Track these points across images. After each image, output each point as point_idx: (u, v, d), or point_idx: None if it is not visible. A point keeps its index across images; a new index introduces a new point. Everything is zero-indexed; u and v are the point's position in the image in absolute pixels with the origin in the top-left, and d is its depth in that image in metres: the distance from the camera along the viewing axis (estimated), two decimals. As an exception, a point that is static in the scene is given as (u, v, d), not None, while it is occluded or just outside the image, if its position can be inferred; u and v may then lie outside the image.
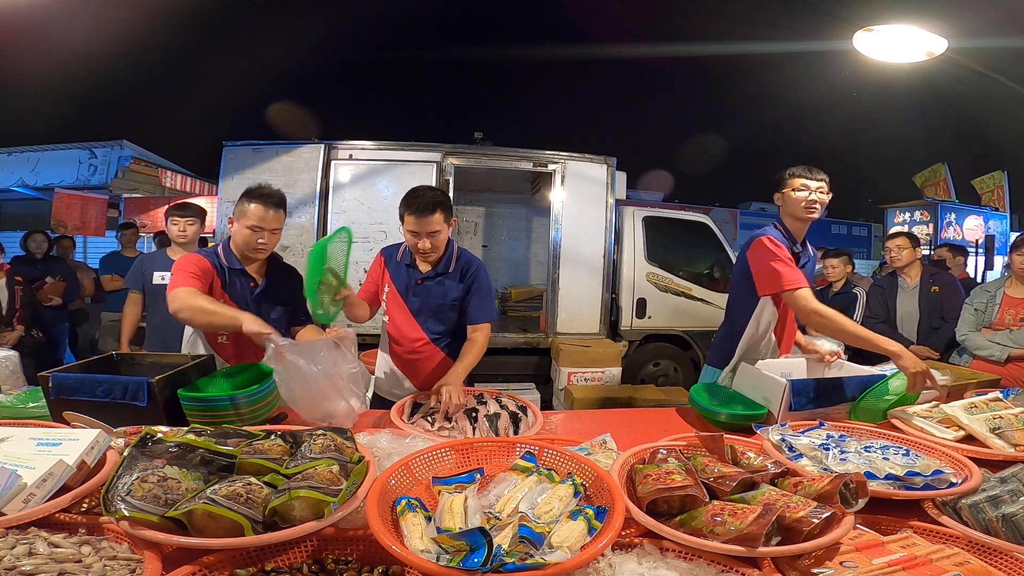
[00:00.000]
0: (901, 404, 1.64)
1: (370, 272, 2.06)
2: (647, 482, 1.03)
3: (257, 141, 4.69)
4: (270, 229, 1.78)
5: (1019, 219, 11.14)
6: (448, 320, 1.97)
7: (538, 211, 6.32)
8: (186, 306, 1.60)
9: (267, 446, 1.07)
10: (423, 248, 1.82)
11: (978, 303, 2.76)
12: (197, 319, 1.65)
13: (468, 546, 0.79)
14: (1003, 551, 0.94)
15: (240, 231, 1.77)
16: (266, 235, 1.78)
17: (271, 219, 1.77)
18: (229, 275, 1.80)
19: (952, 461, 1.27)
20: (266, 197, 1.77)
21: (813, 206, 1.90)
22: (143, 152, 7.55)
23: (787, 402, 1.60)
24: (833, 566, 0.86)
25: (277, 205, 1.79)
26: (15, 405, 1.49)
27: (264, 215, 1.75)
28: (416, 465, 1.13)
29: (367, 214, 4.58)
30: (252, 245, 1.77)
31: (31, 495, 0.90)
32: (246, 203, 1.76)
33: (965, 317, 2.79)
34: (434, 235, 1.81)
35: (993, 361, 2.57)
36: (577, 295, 4.88)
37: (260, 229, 1.76)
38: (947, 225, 9.44)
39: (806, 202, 1.90)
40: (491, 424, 1.53)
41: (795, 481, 1.07)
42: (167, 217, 2.97)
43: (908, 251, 3.33)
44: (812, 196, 1.90)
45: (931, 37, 3.48)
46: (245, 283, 1.83)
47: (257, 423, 1.44)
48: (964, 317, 2.79)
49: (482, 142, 5.32)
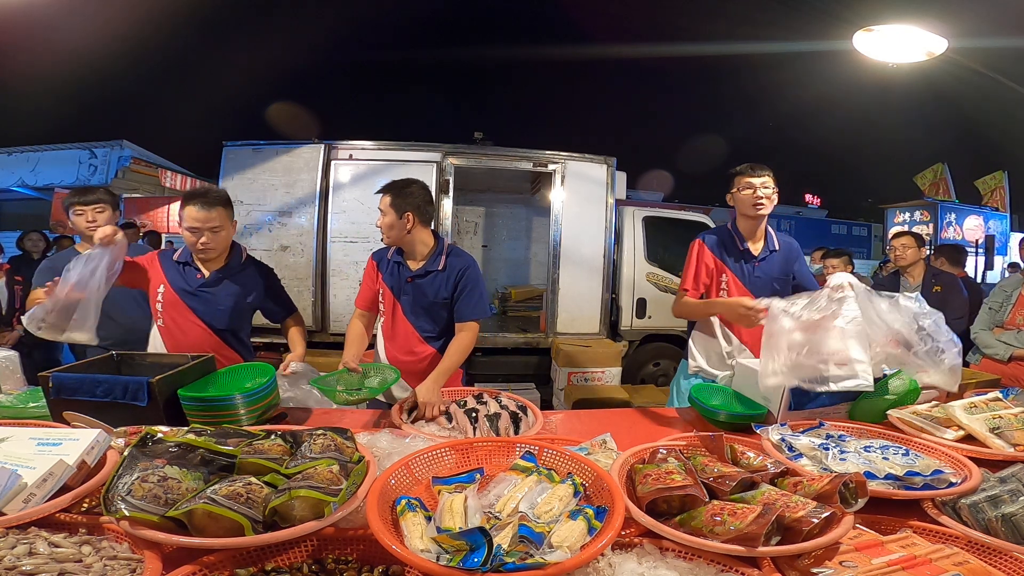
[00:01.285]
0: (901, 404, 1.64)
1: (365, 277, 2.07)
2: (647, 482, 1.03)
3: (257, 141, 4.69)
4: (209, 228, 1.79)
5: (1019, 219, 11.13)
6: (440, 319, 1.98)
7: (538, 211, 6.32)
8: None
9: (267, 446, 1.07)
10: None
11: (994, 302, 2.79)
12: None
13: (468, 546, 0.79)
14: (1003, 551, 0.94)
15: (183, 233, 1.81)
16: (206, 235, 1.79)
17: (207, 218, 1.78)
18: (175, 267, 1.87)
19: (952, 461, 1.27)
20: (200, 197, 1.79)
21: (760, 202, 2.00)
22: (143, 152, 7.56)
23: (787, 402, 1.60)
24: (833, 566, 0.86)
25: (213, 203, 1.80)
26: (15, 405, 1.49)
27: (198, 215, 1.77)
28: (416, 465, 1.14)
29: (367, 214, 4.57)
30: (195, 246, 1.81)
31: (31, 495, 0.90)
32: (183, 206, 1.80)
33: (981, 315, 2.83)
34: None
35: (997, 359, 2.62)
36: (577, 295, 4.88)
37: (198, 230, 1.78)
38: (947, 225, 9.45)
39: (752, 199, 1.99)
40: (491, 424, 1.53)
41: (795, 481, 1.08)
42: (67, 209, 2.39)
43: (913, 250, 3.31)
44: (758, 193, 2.00)
45: (931, 37, 3.48)
46: (191, 274, 1.88)
47: (257, 423, 1.44)
48: (980, 315, 2.83)
49: (482, 142, 5.32)
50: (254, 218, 4.54)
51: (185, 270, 1.89)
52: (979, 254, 8.43)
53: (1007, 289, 2.79)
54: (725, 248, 2.07)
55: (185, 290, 1.87)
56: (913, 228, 9.25)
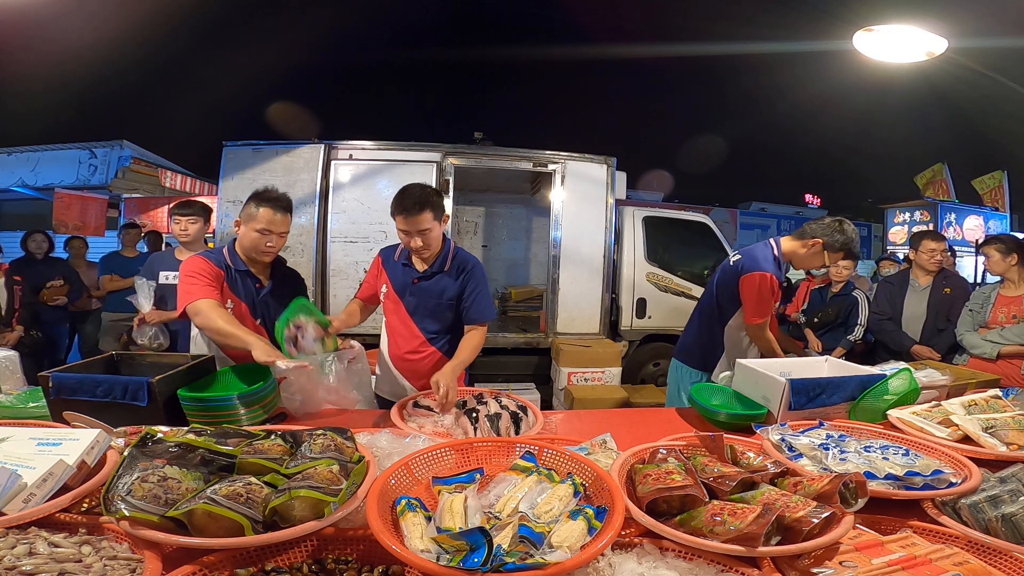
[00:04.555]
0: (901, 404, 1.64)
1: (369, 272, 2.08)
2: (647, 482, 1.03)
3: (257, 141, 4.69)
4: (278, 232, 1.80)
5: (1019, 219, 11.13)
6: (444, 319, 1.98)
7: (538, 211, 6.31)
8: (207, 326, 1.65)
9: (267, 446, 1.07)
10: (415, 246, 1.85)
11: (974, 304, 2.86)
12: (213, 338, 1.72)
13: (468, 546, 0.79)
14: (1002, 551, 0.94)
15: (248, 234, 1.79)
16: (274, 238, 1.80)
17: (279, 223, 1.79)
18: (236, 276, 1.83)
19: (952, 461, 1.27)
20: (275, 201, 1.79)
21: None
22: (143, 152, 7.55)
23: (787, 401, 1.60)
24: (833, 566, 0.86)
25: (285, 209, 1.82)
26: (15, 405, 1.50)
27: (272, 218, 1.77)
28: (416, 465, 1.14)
29: (367, 214, 4.57)
30: (260, 248, 1.80)
31: (31, 495, 0.90)
32: (254, 207, 1.77)
33: (963, 318, 2.88)
34: (424, 233, 1.82)
35: (985, 358, 2.66)
36: (577, 295, 4.88)
37: (268, 232, 1.78)
38: (947, 225, 9.44)
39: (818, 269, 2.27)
40: (492, 424, 1.53)
41: (795, 481, 1.08)
42: (170, 216, 2.96)
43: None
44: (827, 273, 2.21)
45: (931, 37, 3.48)
46: (251, 284, 1.86)
47: (257, 423, 1.44)
48: (962, 318, 2.89)
49: (482, 142, 5.31)
50: (254, 218, 4.54)
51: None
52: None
53: (985, 292, 2.86)
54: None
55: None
56: (913, 228, 9.24)
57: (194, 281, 1.70)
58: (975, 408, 1.54)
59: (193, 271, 1.72)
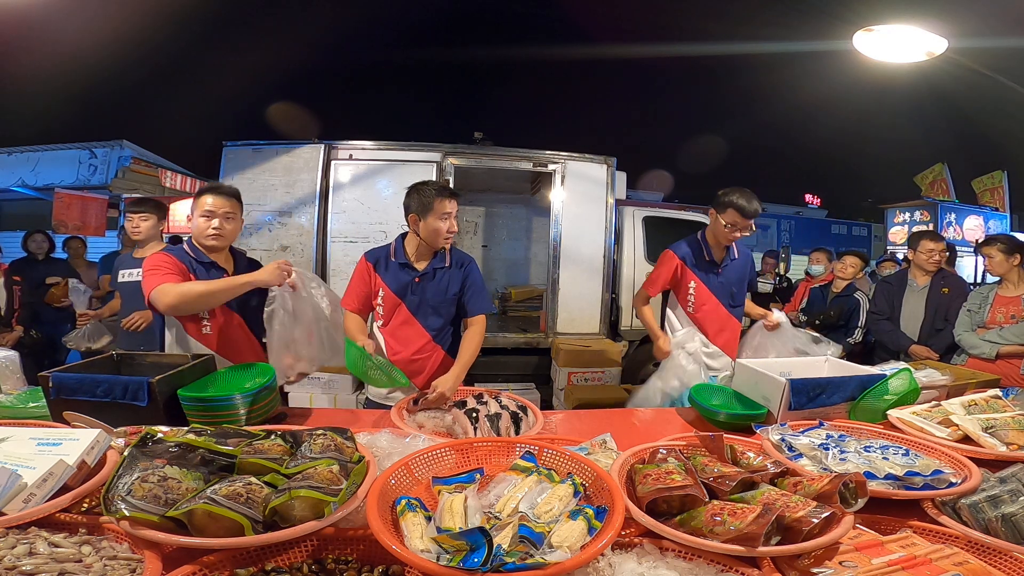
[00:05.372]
0: (901, 404, 1.64)
1: (354, 280, 1.99)
2: (647, 482, 1.03)
3: (257, 141, 4.69)
4: (222, 214, 1.83)
5: (1019, 219, 11.13)
6: (448, 315, 2.00)
7: (538, 211, 6.31)
8: (182, 296, 1.65)
9: (267, 446, 1.07)
10: (454, 230, 1.93)
11: (972, 304, 2.86)
12: (201, 303, 1.72)
13: (468, 546, 0.79)
14: (1002, 551, 0.94)
15: (195, 221, 1.85)
16: (218, 220, 1.82)
17: (220, 204, 1.83)
18: (200, 268, 1.85)
19: (952, 461, 1.27)
20: (216, 188, 1.88)
21: (733, 238, 2.29)
22: (143, 152, 7.54)
23: (787, 401, 1.60)
24: (833, 566, 0.86)
25: (228, 194, 1.87)
26: (15, 405, 1.49)
27: (214, 201, 1.82)
28: (416, 465, 1.14)
29: (367, 214, 4.57)
30: (206, 232, 1.83)
31: (31, 495, 0.90)
32: (199, 197, 1.86)
33: (961, 318, 2.88)
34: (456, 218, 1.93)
35: (984, 358, 2.66)
36: (577, 295, 4.88)
37: (212, 215, 1.82)
38: (947, 225, 9.44)
39: (729, 235, 2.27)
40: (492, 424, 1.53)
41: (795, 481, 1.08)
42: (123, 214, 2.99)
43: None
44: (735, 233, 2.24)
45: (931, 37, 3.48)
46: (217, 275, 1.86)
47: (257, 423, 1.44)
48: (960, 318, 2.89)
49: (482, 142, 5.31)
50: (254, 218, 4.54)
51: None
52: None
53: (983, 292, 2.86)
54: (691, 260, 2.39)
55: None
56: (913, 228, 9.24)
57: (155, 271, 1.71)
58: (975, 408, 1.54)
59: (155, 264, 1.74)
